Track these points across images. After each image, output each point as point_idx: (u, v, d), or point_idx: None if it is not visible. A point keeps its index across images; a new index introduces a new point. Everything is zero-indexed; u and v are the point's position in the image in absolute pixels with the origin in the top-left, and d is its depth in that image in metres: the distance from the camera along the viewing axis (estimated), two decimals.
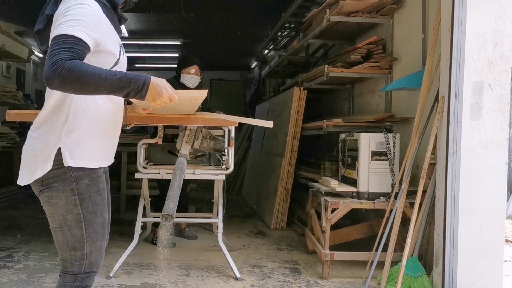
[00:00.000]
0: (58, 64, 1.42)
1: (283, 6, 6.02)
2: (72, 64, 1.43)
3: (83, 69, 1.44)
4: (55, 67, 1.42)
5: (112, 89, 1.50)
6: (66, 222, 1.67)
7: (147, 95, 1.56)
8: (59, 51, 1.45)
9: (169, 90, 1.61)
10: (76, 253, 1.70)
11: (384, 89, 4.03)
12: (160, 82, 1.59)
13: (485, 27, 2.88)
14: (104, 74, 1.47)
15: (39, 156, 1.65)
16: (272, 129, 5.95)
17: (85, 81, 1.44)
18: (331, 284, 3.30)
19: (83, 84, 1.45)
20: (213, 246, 4.24)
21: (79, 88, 1.46)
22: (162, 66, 10.70)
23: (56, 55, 1.44)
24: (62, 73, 1.42)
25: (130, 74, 1.53)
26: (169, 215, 2.63)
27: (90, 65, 1.48)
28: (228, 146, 3.55)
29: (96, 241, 1.71)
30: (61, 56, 1.44)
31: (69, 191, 1.66)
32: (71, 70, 1.42)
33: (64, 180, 1.65)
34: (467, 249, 2.90)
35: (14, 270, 3.42)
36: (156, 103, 1.60)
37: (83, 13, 1.55)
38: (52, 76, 1.42)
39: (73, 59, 1.45)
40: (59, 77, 1.42)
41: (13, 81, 8.22)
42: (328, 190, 3.50)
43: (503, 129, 2.91)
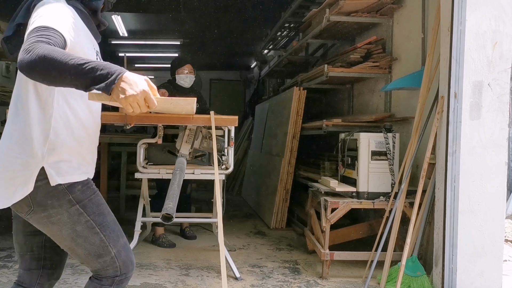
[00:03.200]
0: (30, 47, 1.28)
1: (283, 6, 6.02)
2: (41, 45, 1.28)
3: (51, 50, 1.27)
4: (24, 50, 1.28)
5: (77, 74, 1.26)
6: (79, 234, 1.56)
7: (115, 88, 1.28)
8: (33, 38, 1.31)
9: (147, 91, 1.31)
10: (105, 259, 1.60)
11: (383, 89, 4.04)
12: (138, 79, 1.31)
13: (484, 27, 2.89)
14: (70, 57, 1.27)
15: (19, 178, 1.51)
16: (272, 129, 5.96)
17: (50, 63, 1.25)
18: (330, 283, 3.30)
19: (48, 66, 1.26)
20: (213, 246, 4.24)
21: (44, 72, 1.27)
22: (162, 66, 10.69)
23: (28, 42, 1.31)
24: (30, 54, 1.26)
25: (102, 62, 1.31)
26: (169, 215, 2.63)
27: (61, 49, 1.31)
28: (228, 146, 3.55)
29: (118, 239, 1.63)
30: (34, 40, 1.30)
31: (67, 203, 1.55)
32: (38, 50, 1.26)
33: (57, 194, 1.54)
34: (466, 248, 2.90)
35: (13, 270, 3.42)
36: (127, 101, 1.30)
37: (58, 11, 1.46)
38: (21, 59, 1.27)
39: (45, 42, 1.31)
40: (27, 59, 1.26)
41: (12, 81, 8.20)
42: (327, 190, 3.50)
43: (502, 129, 2.91)
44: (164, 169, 3.52)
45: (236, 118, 3.46)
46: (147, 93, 1.31)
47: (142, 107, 1.32)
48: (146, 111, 1.34)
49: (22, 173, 1.51)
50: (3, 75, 7.83)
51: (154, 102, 1.33)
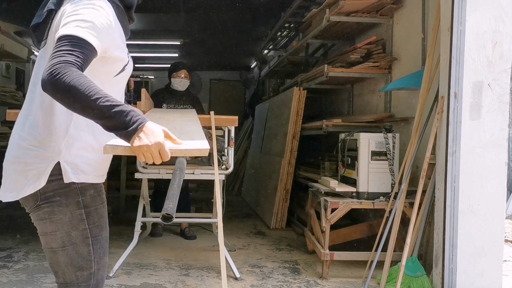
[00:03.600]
0: (57, 67, 1.23)
1: (283, 6, 6.02)
2: (70, 72, 1.23)
3: (78, 82, 1.22)
4: (52, 70, 1.22)
5: (100, 115, 1.25)
6: (71, 240, 1.49)
7: (135, 137, 1.26)
8: (62, 53, 1.26)
9: (162, 143, 1.28)
10: (83, 273, 1.52)
11: (383, 89, 4.04)
12: (156, 129, 1.29)
13: (484, 27, 2.89)
14: (97, 95, 1.23)
15: (32, 171, 1.45)
16: (272, 129, 5.96)
17: (75, 96, 1.22)
18: (330, 284, 3.30)
19: (73, 98, 1.23)
20: (213, 246, 4.24)
21: (67, 101, 1.25)
22: (161, 66, 10.69)
23: (57, 57, 1.25)
24: (57, 79, 1.22)
25: (125, 107, 1.27)
26: (168, 215, 2.62)
27: (88, 80, 1.25)
28: (228, 146, 3.55)
29: (103, 257, 1.57)
30: (62, 59, 1.25)
31: (75, 204, 1.48)
32: (66, 78, 1.22)
33: (68, 192, 1.47)
34: (466, 249, 2.90)
35: (13, 270, 3.42)
36: (140, 150, 1.27)
37: (94, 15, 1.38)
38: (46, 80, 1.23)
39: (75, 65, 1.26)
40: (52, 83, 1.22)
41: (12, 81, 8.21)
42: (327, 190, 3.50)
43: (502, 129, 2.91)
44: (164, 169, 3.52)
45: (236, 118, 3.47)
46: (162, 145, 1.28)
47: (156, 159, 1.29)
48: (159, 162, 1.30)
49: (36, 166, 1.45)
50: (3, 75, 7.82)
51: (167, 155, 1.30)
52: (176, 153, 1.36)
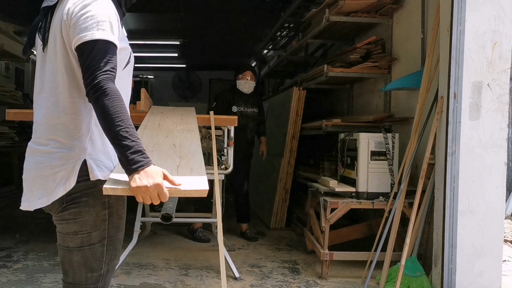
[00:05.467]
0: (101, 85, 1.33)
1: (283, 6, 6.02)
2: (109, 91, 1.33)
3: (112, 104, 1.32)
4: (96, 88, 1.33)
5: (114, 140, 1.32)
6: (90, 241, 1.49)
7: (134, 176, 1.30)
8: (101, 65, 1.35)
9: (161, 185, 1.31)
10: (93, 275, 1.51)
11: (383, 89, 4.04)
12: (155, 171, 1.32)
13: (484, 27, 2.89)
14: (121, 122, 1.31)
15: (59, 173, 1.44)
16: (272, 129, 5.95)
17: (104, 115, 1.32)
18: (330, 284, 3.30)
19: (103, 116, 1.32)
20: (212, 246, 4.24)
21: (98, 116, 1.35)
22: (161, 66, 10.69)
23: (98, 70, 1.34)
24: (98, 98, 1.32)
25: (139, 146, 1.34)
26: (168, 215, 2.63)
27: (121, 104, 1.34)
28: (227, 146, 3.55)
29: (114, 259, 1.56)
30: (102, 75, 1.34)
31: (101, 205, 1.48)
32: (105, 98, 1.32)
33: (95, 193, 1.46)
34: (466, 249, 2.90)
35: (13, 270, 3.42)
36: (138, 190, 1.30)
37: (106, 12, 1.42)
38: (91, 96, 1.34)
39: (112, 79, 1.36)
40: (94, 100, 1.33)
41: (12, 80, 8.21)
42: (327, 190, 3.50)
43: (502, 129, 2.91)
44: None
45: (236, 118, 3.46)
46: (161, 187, 1.31)
47: (154, 199, 1.32)
48: (157, 203, 1.33)
49: (63, 168, 1.45)
50: (3, 75, 7.82)
51: (166, 196, 1.32)
52: (175, 194, 1.36)
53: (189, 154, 1.71)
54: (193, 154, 1.70)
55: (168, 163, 1.59)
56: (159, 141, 1.86)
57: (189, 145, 1.86)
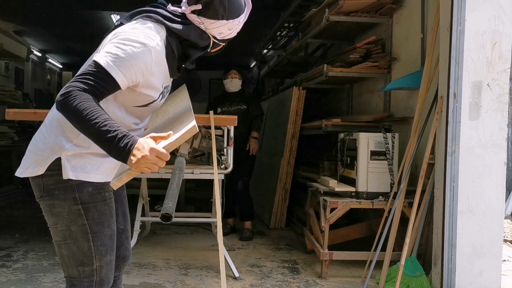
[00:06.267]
0: (69, 90, 1.32)
1: (282, 5, 6.02)
2: (78, 96, 1.31)
3: (83, 106, 1.30)
4: (64, 92, 1.32)
5: (97, 138, 1.32)
6: (71, 234, 1.54)
7: (130, 157, 1.30)
8: (82, 79, 1.36)
9: (155, 147, 1.31)
10: (84, 269, 1.55)
11: (383, 88, 4.04)
12: (144, 140, 1.32)
13: (484, 27, 2.89)
14: (97, 119, 1.30)
15: (37, 156, 1.54)
16: (271, 128, 5.95)
17: (78, 118, 1.31)
18: (329, 283, 3.30)
19: (76, 120, 1.32)
20: (212, 246, 4.24)
21: (72, 122, 1.34)
22: None
23: (75, 81, 1.35)
24: (65, 101, 1.31)
25: (121, 132, 1.31)
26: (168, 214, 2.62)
27: (94, 105, 1.32)
28: (227, 146, 3.55)
29: (105, 254, 1.58)
30: (78, 85, 1.34)
31: (71, 200, 1.52)
32: (73, 101, 1.31)
33: (65, 188, 1.52)
34: (465, 248, 2.90)
35: (12, 270, 3.42)
36: (139, 165, 1.30)
37: (135, 56, 1.41)
38: (57, 100, 1.34)
39: (85, 93, 1.33)
40: (61, 104, 1.33)
41: (11, 80, 8.21)
42: (327, 190, 3.50)
43: (502, 129, 2.91)
44: (164, 168, 3.52)
45: (236, 118, 3.46)
46: (155, 150, 1.30)
47: (158, 163, 1.31)
48: (163, 165, 1.32)
49: (41, 153, 1.53)
50: (2, 74, 7.82)
51: (165, 154, 1.31)
52: (172, 146, 1.35)
53: (180, 113, 1.68)
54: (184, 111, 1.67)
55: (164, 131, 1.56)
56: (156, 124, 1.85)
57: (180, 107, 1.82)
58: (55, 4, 5.88)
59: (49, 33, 8.20)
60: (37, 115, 3.23)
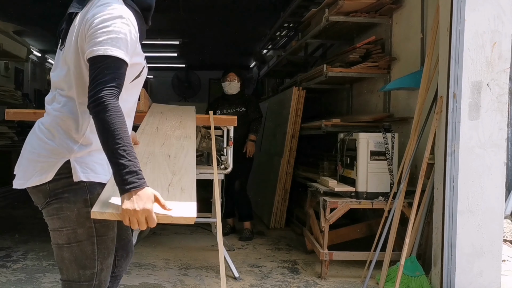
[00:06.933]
0: (101, 99, 1.34)
1: (282, 5, 6.02)
2: (110, 107, 1.34)
3: (113, 121, 1.33)
4: (98, 102, 1.34)
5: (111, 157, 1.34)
6: (76, 237, 1.51)
7: (126, 196, 1.31)
8: (105, 79, 1.37)
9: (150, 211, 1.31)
10: (85, 272, 1.53)
11: (382, 88, 4.04)
12: (147, 195, 1.32)
13: (483, 27, 2.89)
14: (120, 140, 1.33)
15: (42, 163, 1.50)
16: (271, 129, 5.95)
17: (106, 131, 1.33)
18: (329, 283, 3.30)
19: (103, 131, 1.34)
20: (212, 246, 4.24)
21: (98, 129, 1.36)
22: (161, 66, 10.69)
23: (101, 85, 1.36)
24: (99, 112, 1.34)
25: (135, 166, 1.34)
26: None
27: (122, 122, 1.36)
28: (227, 146, 3.55)
29: (107, 257, 1.58)
30: (106, 90, 1.35)
31: (82, 202, 1.50)
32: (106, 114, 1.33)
33: (76, 190, 1.50)
34: (465, 249, 2.90)
35: (12, 270, 3.42)
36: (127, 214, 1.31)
37: (125, 31, 1.44)
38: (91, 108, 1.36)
39: (116, 96, 1.37)
40: (95, 113, 1.35)
41: (11, 80, 8.21)
42: (326, 190, 3.50)
43: (501, 129, 2.91)
44: None
45: (235, 118, 3.47)
46: (149, 213, 1.31)
47: (141, 224, 1.32)
48: (144, 228, 1.33)
49: (46, 160, 1.50)
50: (2, 75, 7.82)
51: (154, 222, 1.33)
52: (163, 219, 1.35)
53: (183, 169, 1.72)
54: (187, 170, 1.72)
55: (160, 179, 1.62)
56: (155, 150, 1.87)
57: (184, 157, 1.87)
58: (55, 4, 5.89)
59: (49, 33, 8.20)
60: (36, 115, 3.22)
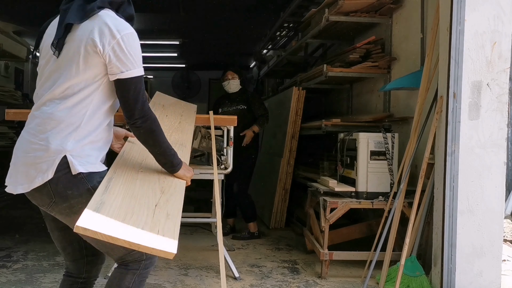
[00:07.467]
0: (149, 114, 1.68)
1: (282, 5, 6.02)
2: (154, 119, 1.70)
3: (160, 132, 1.72)
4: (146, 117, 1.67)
5: (161, 153, 1.74)
6: None
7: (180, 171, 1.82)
8: (144, 96, 1.66)
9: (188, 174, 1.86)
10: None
11: (382, 88, 4.04)
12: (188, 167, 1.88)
13: (483, 27, 2.89)
14: (166, 143, 1.75)
15: (42, 164, 1.58)
16: (271, 129, 5.95)
17: (157, 141, 1.72)
18: (329, 283, 3.30)
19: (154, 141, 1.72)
20: (212, 246, 4.24)
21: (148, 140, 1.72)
22: (160, 66, 10.68)
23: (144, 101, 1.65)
24: (148, 124, 1.68)
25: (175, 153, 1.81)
26: None
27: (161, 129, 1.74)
28: (227, 146, 3.54)
29: None
30: (148, 105, 1.68)
31: (86, 191, 1.59)
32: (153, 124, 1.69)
33: (76, 183, 1.60)
34: (465, 248, 2.90)
35: (12, 270, 3.42)
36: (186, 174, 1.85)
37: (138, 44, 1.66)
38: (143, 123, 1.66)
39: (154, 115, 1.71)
40: (145, 126, 1.67)
41: (11, 80, 8.20)
42: (327, 190, 3.50)
43: (501, 129, 2.91)
44: None
45: (235, 118, 3.46)
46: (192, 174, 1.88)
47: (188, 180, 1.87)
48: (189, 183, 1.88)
49: (45, 160, 1.58)
50: (2, 75, 7.81)
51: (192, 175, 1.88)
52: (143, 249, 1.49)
53: (172, 187, 1.77)
54: (176, 189, 1.78)
55: (148, 196, 1.66)
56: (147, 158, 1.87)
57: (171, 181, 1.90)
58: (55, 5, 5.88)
59: None
60: None
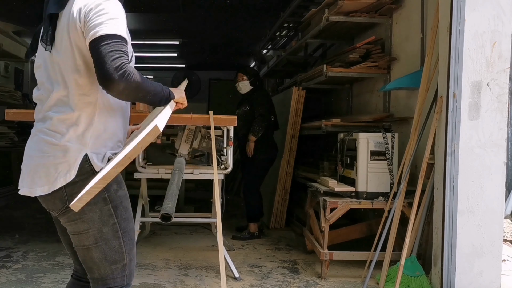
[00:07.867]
0: (125, 68, 1.43)
1: (282, 5, 6.02)
2: (134, 71, 1.46)
3: (141, 78, 1.48)
4: (122, 71, 1.42)
5: (155, 96, 1.57)
6: (103, 236, 1.56)
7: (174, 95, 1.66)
8: (119, 54, 1.44)
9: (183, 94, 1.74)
10: (117, 266, 1.60)
11: (382, 88, 4.04)
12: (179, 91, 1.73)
13: (483, 27, 2.89)
14: (152, 83, 1.56)
15: (62, 164, 1.52)
16: None
17: (142, 88, 1.49)
18: (329, 283, 3.30)
19: (140, 91, 1.50)
20: (212, 246, 4.24)
21: (134, 94, 1.50)
22: (160, 66, 10.68)
23: (118, 58, 1.43)
24: (128, 79, 1.43)
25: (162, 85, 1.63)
26: (167, 214, 2.63)
27: (141, 75, 1.51)
28: (227, 146, 3.54)
29: (132, 247, 1.64)
30: (123, 60, 1.44)
31: (102, 201, 1.55)
32: (134, 77, 1.45)
33: None
34: (465, 248, 2.90)
35: (12, 270, 3.42)
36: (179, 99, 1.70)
37: (119, 11, 1.54)
38: (120, 80, 1.42)
39: (129, 63, 1.48)
40: (125, 82, 1.43)
41: (11, 80, 8.19)
42: (326, 190, 3.50)
43: (501, 129, 2.91)
44: (163, 169, 3.52)
45: (235, 118, 3.46)
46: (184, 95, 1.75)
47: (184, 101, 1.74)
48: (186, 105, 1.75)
49: (66, 159, 1.52)
50: (2, 75, 7.81)
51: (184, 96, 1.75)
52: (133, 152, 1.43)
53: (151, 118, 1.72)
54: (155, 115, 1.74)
55: None
56: None
57: None
58: None
59: None
60: None
